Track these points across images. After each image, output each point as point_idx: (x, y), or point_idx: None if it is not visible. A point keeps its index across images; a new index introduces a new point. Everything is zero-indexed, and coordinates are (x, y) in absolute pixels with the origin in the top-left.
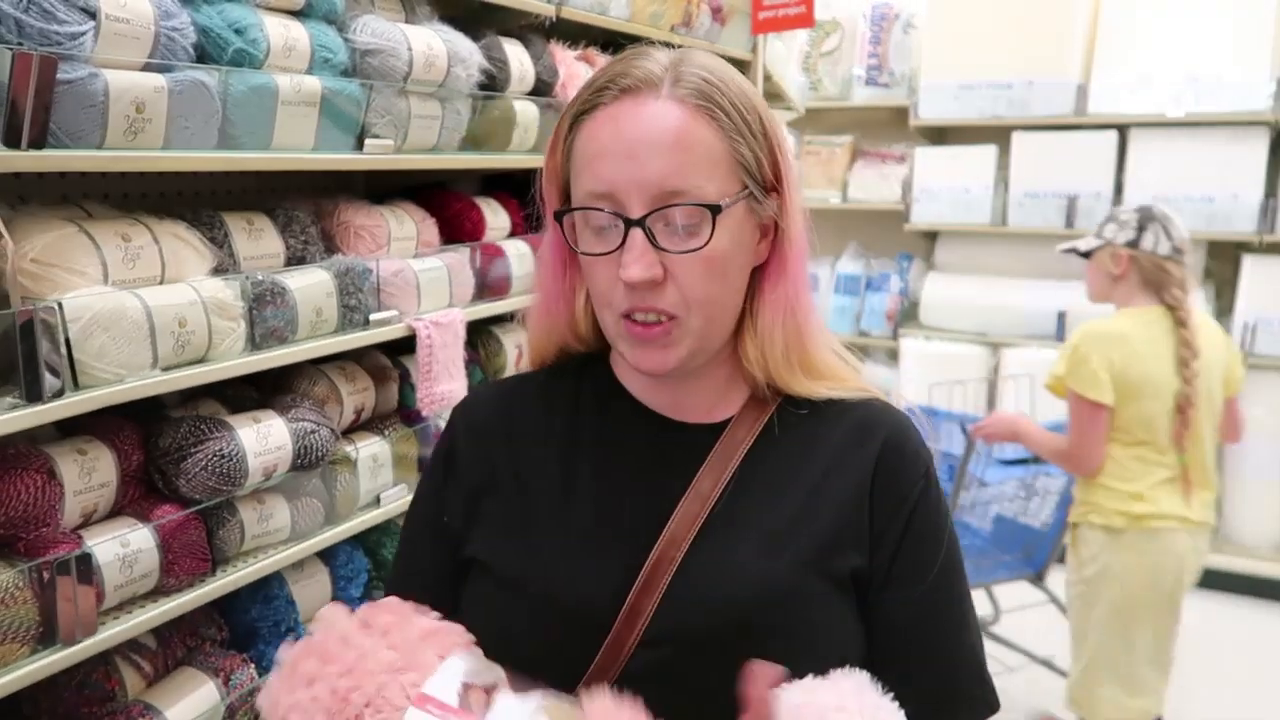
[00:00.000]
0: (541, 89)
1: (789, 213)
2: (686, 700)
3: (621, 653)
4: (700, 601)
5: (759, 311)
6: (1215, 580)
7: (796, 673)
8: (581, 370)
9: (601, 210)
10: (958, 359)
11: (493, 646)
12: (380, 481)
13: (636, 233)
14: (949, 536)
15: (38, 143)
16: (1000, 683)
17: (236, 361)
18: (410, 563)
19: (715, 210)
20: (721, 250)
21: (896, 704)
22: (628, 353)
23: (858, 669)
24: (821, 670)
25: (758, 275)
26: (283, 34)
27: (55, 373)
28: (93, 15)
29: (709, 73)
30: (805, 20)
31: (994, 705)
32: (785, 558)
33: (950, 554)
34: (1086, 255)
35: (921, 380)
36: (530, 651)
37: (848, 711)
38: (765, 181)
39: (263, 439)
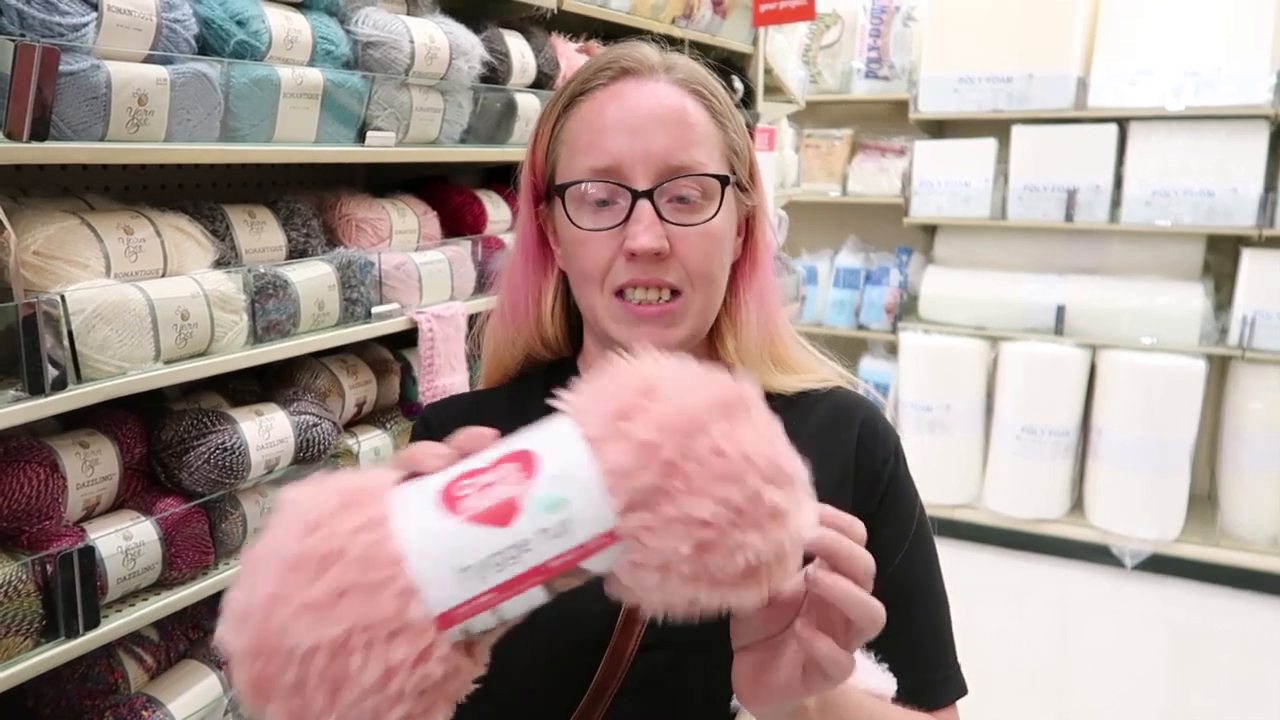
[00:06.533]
0: (543, 81)
1: (761, 211)
2: (688, 701)
3: (621, 662)
4: None
5: (736, 307)
6: (1212, 574)
7: None
8: (549, 377)
9: (608, 183)
10: (957, 353)
11: (483, 678)
12: None
13: (644, 204)
14: (919, 514)
15: (40, 135)
16: None
17: (238, 354)
18: None
19: (724, 181)
20: (721, 228)
21: (885, 666)
22: (625, 332)
23: None
24: None
25: (733, 273)
26: (285, 26)
27: (58, 365)
28: (95, 7)
29: (696, 67)
30: (806, 13)
31: (962, 688)
32: None
33: (921, 531)
34: None
35: (920, 374)
36: (526, 678)
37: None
38: (747, 174)
39: (265, 432)
